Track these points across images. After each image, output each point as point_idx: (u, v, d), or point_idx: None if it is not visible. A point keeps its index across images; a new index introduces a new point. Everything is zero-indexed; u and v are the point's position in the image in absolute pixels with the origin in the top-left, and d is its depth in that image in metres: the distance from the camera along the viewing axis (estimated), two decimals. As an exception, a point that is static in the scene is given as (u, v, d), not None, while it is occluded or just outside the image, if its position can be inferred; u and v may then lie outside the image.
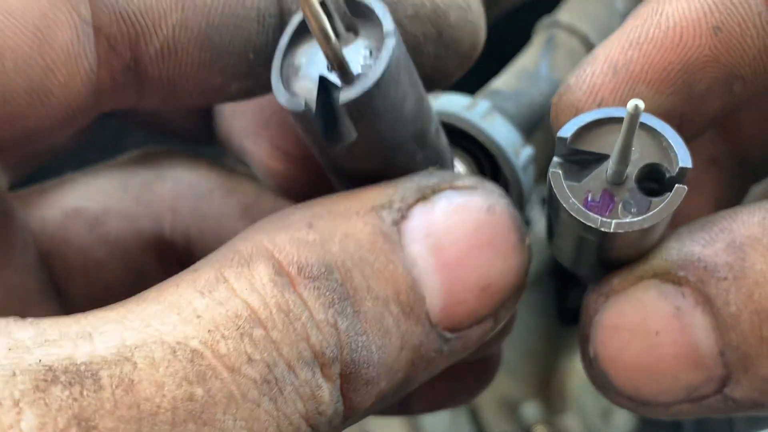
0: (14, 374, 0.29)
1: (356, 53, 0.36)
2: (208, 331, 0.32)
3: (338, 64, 0.35)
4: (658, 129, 0.36)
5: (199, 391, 0.31)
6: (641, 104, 0.33)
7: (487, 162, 0.47)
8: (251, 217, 0.49)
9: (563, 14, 0.59)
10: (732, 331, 0.37)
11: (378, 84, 0.34)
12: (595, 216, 0.36)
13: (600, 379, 0.40)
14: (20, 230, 0.45)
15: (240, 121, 0.49)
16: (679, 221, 0.39)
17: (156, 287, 0.34)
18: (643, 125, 0.36)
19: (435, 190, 0.38)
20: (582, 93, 0.39)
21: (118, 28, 0.38)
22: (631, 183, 0.37)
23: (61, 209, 0.48)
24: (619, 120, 0.36)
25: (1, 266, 0.43)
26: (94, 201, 0.49)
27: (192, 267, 0.35)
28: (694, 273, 0.37)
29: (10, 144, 0.39)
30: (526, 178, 0.48)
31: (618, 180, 0.37)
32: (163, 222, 0.49)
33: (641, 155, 0.37)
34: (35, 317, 0.33)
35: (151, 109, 0.47)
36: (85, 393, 0.29)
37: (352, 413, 0.35)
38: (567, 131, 0.37)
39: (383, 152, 0.38)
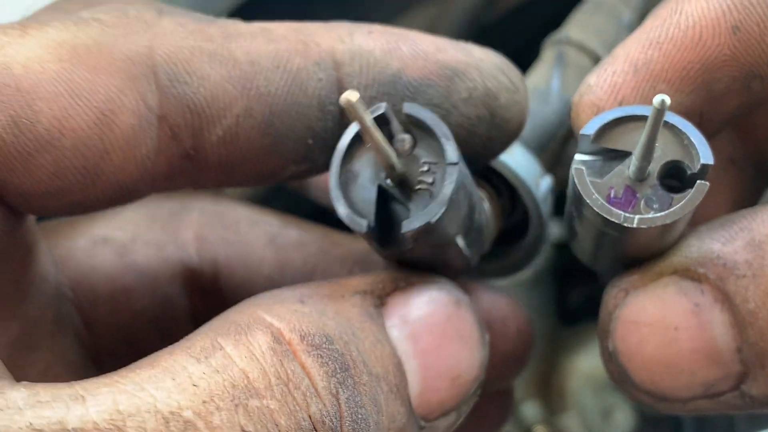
0: None
1: (415, 165, 0.37)
2: (203, 402, 0.32)
3: (398, 180, 0.36)
4: (680, 127, 0.37)
5: None
6: (667, 100, 0.34)
7: (507, 192, 0.48)
8: (277, 246, 0.50)
9: (572, 30, 0.59)
10: (750, 328, 0.37)
11: (440, 218, 0.36)
12: (618, 212, 0.37)
13: (618, 373, 0.40)
14: (41, 264, 0.45)
15: None
16: (698, 220, 0.40)
17: (150, 356, 0.34)
18: (665, 123, 0.37)
19: (408, 283, 0.39)
20: (603, 92, 0.40)
21: (183, 117, 0.38)
22: (654, 180, 0.37)
23: (89, 238, 0.49)
24: (641, 118, 0.37)
25: (20, 300, 0.43)
26: (122, 230, 0.49)
27: (186, 338, 0.35)
28: (714, 270, 0.38)
29: (57, 213, 0.40)
30: (545, 207, 0.49)
31: (641, 177, 0.37)
32: (190, 250, 0.50)
33: (663, 152, 0.37)
34: (51, 351, 0.33)
35: None
36: None
37: None
38: (590, 129, 0.37)
39: (433, 252, 0.39)
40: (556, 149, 1.00)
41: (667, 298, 0.39)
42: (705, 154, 0.36)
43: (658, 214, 0.36)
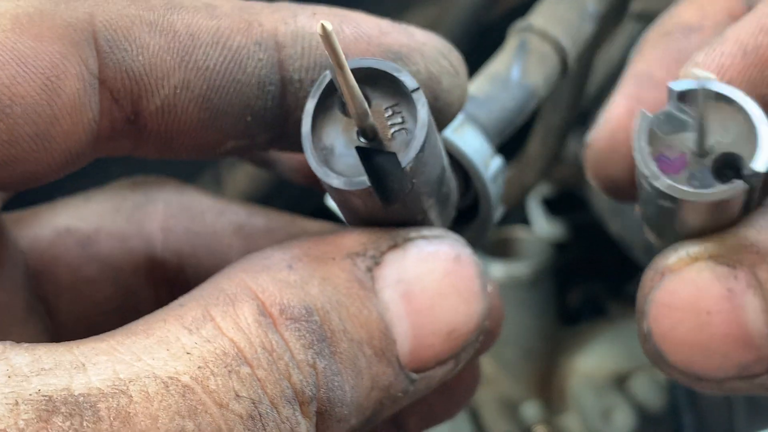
0: (17, 403, 0.30)
1: (379, 117, 0.38)
2: (198, 367, 0.33)
3: (371, 133, 0.37)
4: (755, 124, 0.37)
5: (189, 425, 0.32)
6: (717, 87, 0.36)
7: (460, 174, 0.48)
8: (244, 234, 0.51)
9: (536, 18, 0.59)
10: None
11: (427, 136, 0.36)
12: (652, 166, 0.37)
13: (654, 353, 0.41)
14: (9, 249, 0.46)
15: None
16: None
17: (143, 320, 0.35)
18: (748, 117, 0.37)
19: (406, 239, 0.39)
20: (710, 70, 0.41)
21: (122, 83, 0.39)
22: (709, 161, 0.38)
23: (53, 228, 0.49)
24: (730, 101, 0.37)
25: None
26: (86, 221, 0.50)
27: (177, 302, 0.36)
28: (748, 257, 0.38)
29: (9, 185, 0.40)
30: (495, 188, 0.49)
31: (700, 153, 0.37)
32: (154, 242, 0.50)
33: (731, 141, 0.37)
34: (22, 338, 0.34)
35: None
36: (84, 424, 0.31)
37: None
38: (679, 86, 0.38)
39: (418, 200, 0.39)
40: (555, 149, 1.00)
41: (701, 283, 0.39)
42: (761, 161, 0.37)
43: (682, 187, 0.37)
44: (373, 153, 0.37)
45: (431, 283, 0.39)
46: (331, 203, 0.50)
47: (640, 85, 0.48)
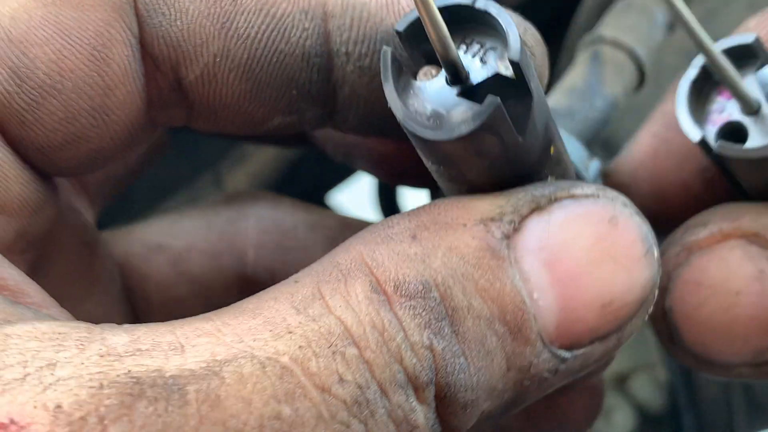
0: (101, 387, 0.29)
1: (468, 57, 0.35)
2: (299, 347, 0.31)
3: (465, 76, 0.34)
4: None
5: (286, 410, 0.30)
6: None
7: None
8: None
9: (605, 29, 0.59)
10: None
11: (526, 61, 0.33)
12: (686, 116, 0.38)
13: (668, 333, 0.39)
14: (106, 263, 0.45)
15: None
16: None
17: (256, 297, 0.33)
18: None
19: (551, 200, 0.35)
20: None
21: (160, 49, 0.37)
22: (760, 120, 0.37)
23: (144, 245, 0.48)
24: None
25: (85, 297, 0.42)
26: (178, 239, 0.48)
27: (293, 277, 0.34)
28: None
29: (76, 168, 0.38)
30: None
31: (747, 110, 0.37)
32: (246, 259, 0.48)
33: None
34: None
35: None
36: (169, 409, 0.29)
37: None
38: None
39: (529, 152, 0.36)
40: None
41: (731, 262, 0.38)
42: None
43: (715, 140, 0.37)
44: (482, 86, 0.34)
45: (580, 250, 0.35)
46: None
47: (667, 125, 0.46)
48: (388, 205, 0.82)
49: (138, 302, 0.47)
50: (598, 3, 0.65)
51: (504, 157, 0.34)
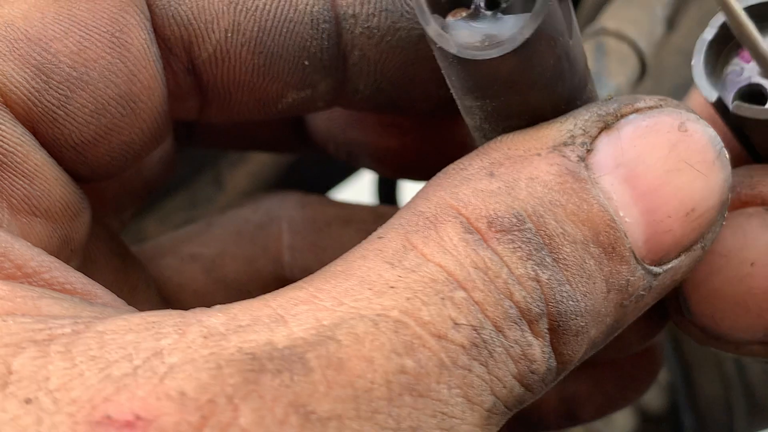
0: (219, 367, 0.28)
1: None
2: (407, 299, 0.30)
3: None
4: None
5: (409, 363, 0.29)
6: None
7: None
8: None
9: (608, 21, 0.59)
10: None
11: None
12: (703, 77, 0.37)
13: (676, 304, 0.39)
14: (141, 274, 0.44)
15: (338, 113, 0.48)
16: None
17: (342, 260, 0.33)
18: None
19: (617, 116, 0.35)
20: None
21: (171, 30, 0.37)
22: None
23: (176, 256, 0.47)
24: None
25: (129, 295, 0.42)
26: (210, 247, 0.48)
27: (375, 234, 0.33)
28: None
29: (110, 167, 0.38)
30: None
31: (767, 72, 0.36)
32: (281, 261, 0.48)
33: None
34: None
35: (238, 125, 0.45)
36: (296, 378, 0.28)
37: (564, 367, 0.34)
38: None
39: (578, 60, 0.35)
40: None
41: (748, 230, 0.37)
42: None
43: (732, 102, 0.36)
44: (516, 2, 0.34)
45: (656, 161, 0.34)
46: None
47: None
48: (388, 203, 0.82)
49: None
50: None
51: (558, 68, 0.34)
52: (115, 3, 0.36)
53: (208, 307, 0.46)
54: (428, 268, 0.31)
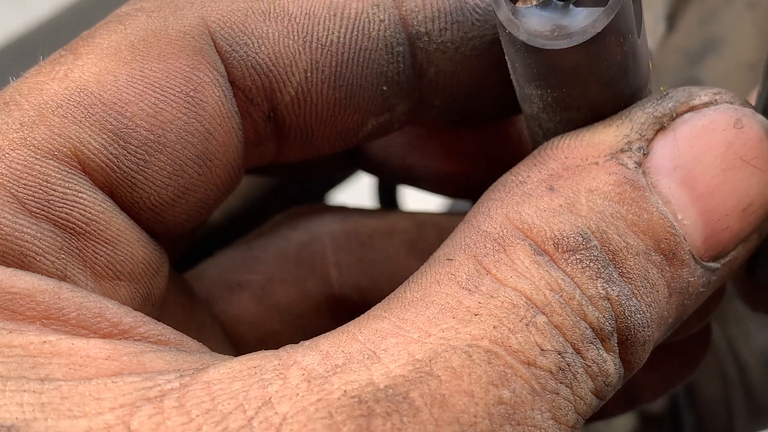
0: (331, 415, 0.28)
1: None
2: (494, 327, 0.31)
3: None
4: None
5: (506, 393, 0.30)
6: None
7: None
8: (419, 252, 0.48)
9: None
10: None
11: None
12: None
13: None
14: (204, 309, 0.44)
15: (398, 138, 0.47)
16: None
17: (414, 284, 0.33)
18: None
19: (673, 116, 0.35)
20: None
21: (252, 80, 0.37)
22: None
23: (224, 287, 0.47)
24: None
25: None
26: (255, 272, 0.47)
27: (441, 254, 0.34)
28: None
29: (185, 223, 0.38)
30: None
31: None
32: (330, 279, 0.48)
33: None
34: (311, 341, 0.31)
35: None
36: (405, 420, 0.29)
37: (631, 372, 0.34)
38: None
39: (642, 57, 0.35)
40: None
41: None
42: None
43: None
44: None
45: (713, 161, 0.35)
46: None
47: None
48: (389, 205, 0.81)
49: (235, 345, 0.46)
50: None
51: (624, 64, 0.34)
52: (188, 61, 0.36)
53: (263, 334, 0.46)
54: (506, 293, 0.32)
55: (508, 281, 0.32)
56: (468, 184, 0.48)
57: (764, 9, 0.72)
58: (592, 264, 0.33)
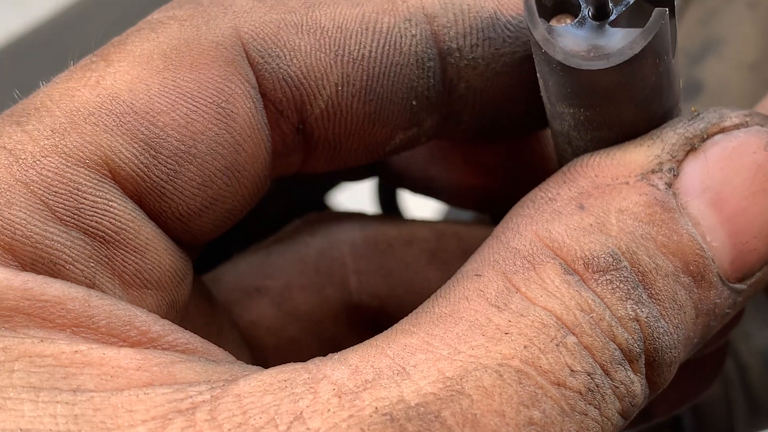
0: None
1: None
2: (524, 347, 0.31)
3: (605, 9, 0.33)
4: None
5: (536, 414, 0.30)
6: None
7: None
8: (439, 262, 0.48)
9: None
10: None
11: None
12: None
13: None
14: (224, 314, 0.44)
15: (420, 149, 0.47)
16: None
17: (442, 299, 0.33)
18: None
19: (703, 137, 0.35)
20: None
21: (283, 92, 0.37)
22: None
23: (243, 292, 0.47)
24: None
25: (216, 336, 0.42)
26: (274, 278, 0.47)
27: (470, 269, 0.34)
28: None
29: (212, 233, 0.38)
30: None
31: None
32: (349, 287, 0.47)
33: None
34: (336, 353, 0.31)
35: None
36: None
37: (656, 392, 0.35)
38: None
39: (675, 79, 0.35)
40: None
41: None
42: None
43: None
44: (622, 16, 0.33)
45: (743, 183, 0.35)
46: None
47: None
48: (388, 206, 0.81)
49: (252, 350, 0.46)
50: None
51: (658, 85, 0.34)
52: (220, 72, 0.36)
53: (281, 341, 0.46)
54: (537, 312, 0.32)
55: (538, 300, 0.32)
56: (488, 197, 0.48)
57: (764, 9, 0.72)
58: (622, 285, 0.33)
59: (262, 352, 0.46)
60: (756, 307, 0.74)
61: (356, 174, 0.52)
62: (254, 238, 0.52)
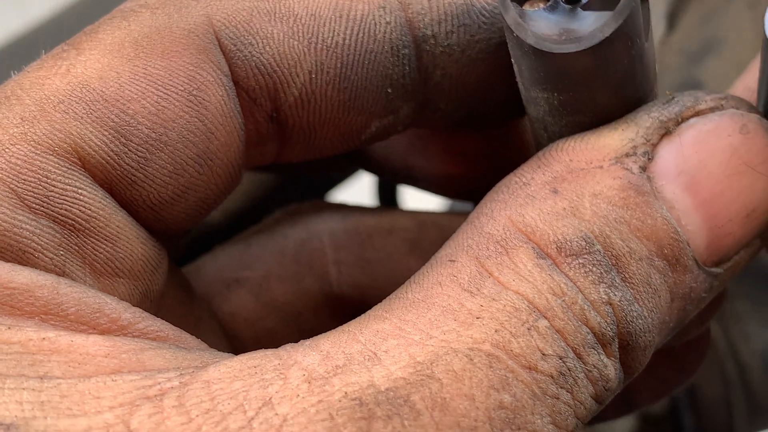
0: (332, 417, 0.28)
1: None
2: (495, 331, 0.31)
3: None
4: None
5: (506, 398, 0.30)
6: None
7: None
8: (419, 251, 0.48)
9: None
10: None
11: None
12: None
13: None
14: (202, 303, 0.44)
15: (400, 138, 0.47)
16: None
17: (415, 285, 0.33)
18: None
19: (678, 121, 0.35)
20: None
21: (256, 80, 0.37)
22: None
23: (222, 282, 0.47)
24: None
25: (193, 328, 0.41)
26: (253, 269, 0.47)
27: (443, 255, 0.33)
28: None
29: (184, 222, 0.38)
30: None
31: None
32: (329, 278, 0.47)
33: None
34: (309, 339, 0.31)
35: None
36: (406, 423, 0.29)
37: (631, 376, 0.35)
38: None
39: (650, 63, 0.35)
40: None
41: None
42: None
43: None
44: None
45: (718, 167, 0.35)
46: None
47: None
48: (389, 204, 0.81)
49: (231, 341, 0.46)
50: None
51: (631, 69, 0.34)
52: (192, 60, 0.36)
53: (259, 332, 0.46)
54: (509, 297, 0.32)
55: (510, 284, 0.32)
56: (469, 186, 0.48)
57: (764, 9, 0.72)
58: (594, 269, 0.33)
59: (241, 343, 0.46)
60: (756, 307, 0.74)
61: (339, 165, 0.52)
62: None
